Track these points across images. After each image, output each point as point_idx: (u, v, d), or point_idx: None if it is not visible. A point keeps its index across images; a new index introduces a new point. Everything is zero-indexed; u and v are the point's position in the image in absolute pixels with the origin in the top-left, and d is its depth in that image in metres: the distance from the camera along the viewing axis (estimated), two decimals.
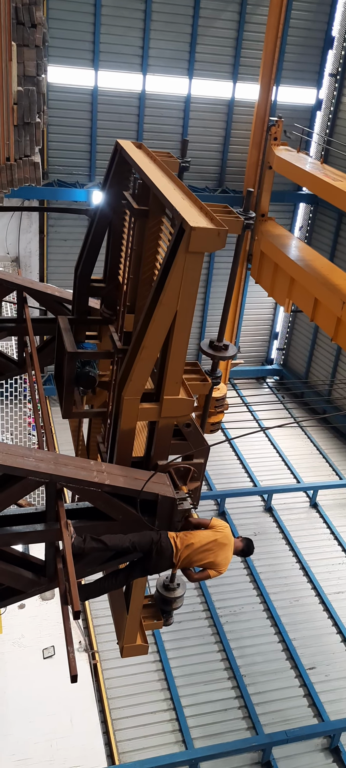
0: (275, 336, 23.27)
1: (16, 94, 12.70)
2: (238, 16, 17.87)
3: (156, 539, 5.05)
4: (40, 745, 10.12)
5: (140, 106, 18.03)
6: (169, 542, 5.08)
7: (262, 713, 11.52)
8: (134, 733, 10.84)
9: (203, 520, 5.31)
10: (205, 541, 5.25)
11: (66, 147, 17.97)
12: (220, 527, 5.36)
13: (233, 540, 5.45)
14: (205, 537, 5.26)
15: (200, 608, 13.34)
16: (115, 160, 5.96)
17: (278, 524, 16.01)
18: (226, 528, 5.42)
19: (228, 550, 5.40)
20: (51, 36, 15.72)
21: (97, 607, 12.34)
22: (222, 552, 5.36)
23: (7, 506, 4.56)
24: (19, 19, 12.49)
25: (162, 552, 5.07)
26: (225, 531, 5.39)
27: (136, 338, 4.72)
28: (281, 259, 15.10)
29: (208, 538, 5.27)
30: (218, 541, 5.31)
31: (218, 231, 4.29)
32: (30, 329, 6.68)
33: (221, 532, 5.34)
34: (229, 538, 5.40)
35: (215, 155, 19.51)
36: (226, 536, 5.37)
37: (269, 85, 15.86)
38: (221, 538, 5.33)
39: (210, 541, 5.27)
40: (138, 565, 5.27)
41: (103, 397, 6.80)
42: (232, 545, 5.43)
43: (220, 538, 5.32)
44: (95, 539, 4.87)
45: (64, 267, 18.42)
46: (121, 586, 5.78)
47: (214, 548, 5.30)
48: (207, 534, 5.28)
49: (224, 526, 5.40)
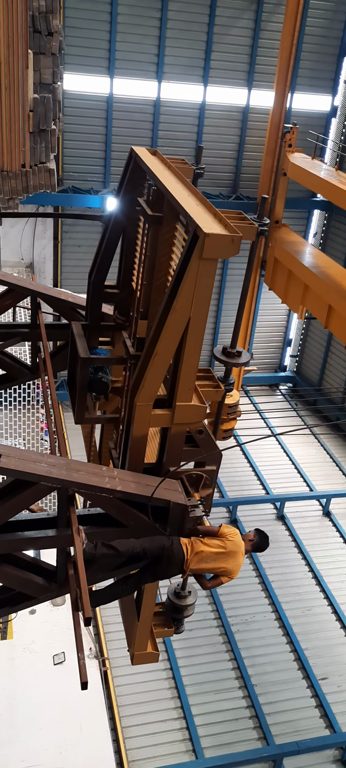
0: (289, 343, 23.18)
1: (32, 101, 12.79)
2: (253, 23, 17.89)
3: (168, 545, 5.02)
4: (49, 751, 10.09)
5: (155, 113, 18.08)
6: (180, 548, 5.06)
7: (273, 723, 11.43)
8: (144, 741, 10.80)
9: (212, 527, 5.28)
10: (215, 549, 5.22)
11: (81, 154, 18.07)
12: (230, 535, 5.32)
13: (242, 546, 5.40)
14: (215, 545, 5.24)
15: (211, 616, 13.28)
16: (130, 167, 5.98)
17: (290, 532, 15.92)
18: (236, 535, 5.38)
19: (239, 556, 5.37)
20: (67, 44, 15.82)
21: (108, 614, 12.32)
22: (232, 559, 5.33)
23: (19, 511, 4.56)
24: (35, 27, 12.59)
25: (173, 558, 5.05)
26: (235, 539, 5.35)
27: (149, 344, 4.71)
28: (295, 265, 15.04)
29: (217, 546, 5.24)
30: (227, 549, 5.28)
31: (231, 237, 4.28)
32: (43, 335, 6.70)
33: (230, 541, 5.31)
34: (238, 545, 5.36)
35: (229, 162, 19.53)
36: (235, 543, 5.33)
37: (284, 92, 15.81)
38: (231, 546, 5.30)
39: (220, 551, 5.25)
40: (148, 570, 5.25)
41: (115, 403, 6.79)
42: (242, 551, 5.39)
43: (229, 546, 5.29)
44: (106, 545, 4.86)
45: (78, 273, 18.48)
46: (131, 592, 5.76)
47: (224, 556, 5.28)
48: (217, 542, 5.25)
49: (234, 534, 5.36)
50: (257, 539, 5.65)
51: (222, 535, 5.27)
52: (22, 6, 11.92)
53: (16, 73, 12.33)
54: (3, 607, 5.07)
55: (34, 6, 12.45)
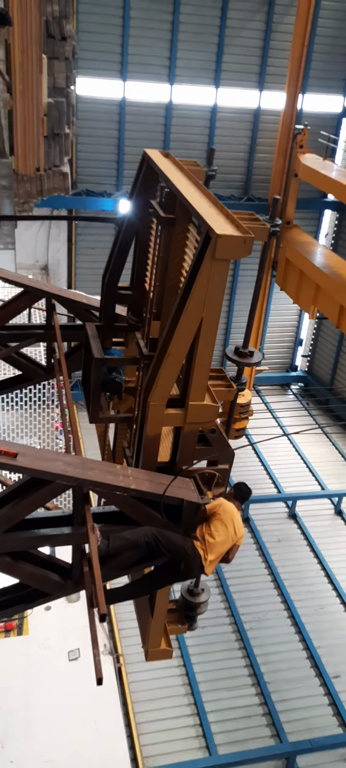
0: (300, 343, 23.17)
1: (46, 105, 12.92)
2: (264, 25, 17.92)
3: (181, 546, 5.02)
4: (65, 746, 10.20)
5: (167, 116, 18.17)
6: (196, 552, 5.07)
7: (286, 721, 11.47)
8: (158, 738, 10.88)
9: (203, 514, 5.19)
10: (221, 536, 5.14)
11: (94, 157, 18.19)
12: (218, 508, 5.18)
13: (232, 507, 5.28)
14: (219, 531, 5.13)
15: (224, 614, 13.34)
16: (143, 170, 6.05)
17: (302, 531, 15.93)
18: (220, 505, 5.19)
19: (235, 516, 5.25)
20: (80, 48, 15.95)
21: (122, 611, 12.41)
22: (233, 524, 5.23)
23: (35, 509, 4.64)
24: (49, 32, 12.73)
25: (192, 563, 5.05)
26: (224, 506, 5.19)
27: (162, 345, 4.77)
28: (306, 266, 15.07)
29: (220, 526, 5.15)
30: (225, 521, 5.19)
31: (244, 238, 4.33)
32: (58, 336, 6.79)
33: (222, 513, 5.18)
34: (229, 509, 5.23)
35: (240, 163, 19.57)
36: (227, 511, 5.19)
37: (296, 94, 15.85)
38: (225, 516, 5.18)
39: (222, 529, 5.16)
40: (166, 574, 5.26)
41: (129, 403, 6.87)
42: (234, 509, 5.28)
43: (226, 518, 5.18)
44: (118, 537, 4.90)
45: (92, 275, 18.60)
46: (148, 593, 5.81)
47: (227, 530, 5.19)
48: (216, 525, 5.15)
49: (218, 505, 5.22)
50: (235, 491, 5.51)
51: (213, 514, 5.18)
52: (36, 11, 12.05)
53: (30, 78, 12.46)
54: (19, 603, 5.14)
55: (48, 11, 12.60)
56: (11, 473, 6.59)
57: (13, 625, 11.91)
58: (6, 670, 11.18)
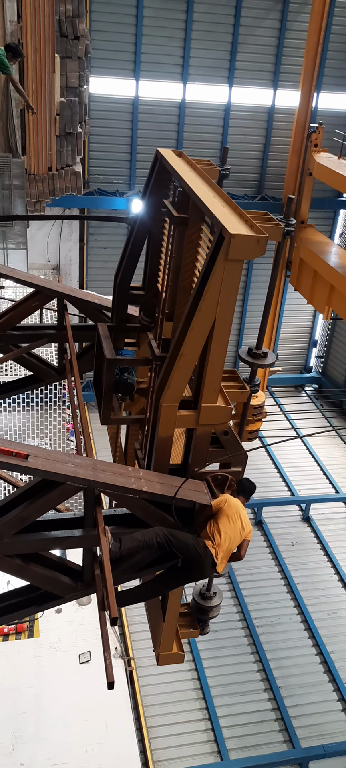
0: (314, 344, 23.01)
1: (59, 104, 12.92)
2: (279, 23, 17.81)
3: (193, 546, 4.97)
4: (75, 750, 10.17)
5: (180, 114, 18.11)
6: (208, 551, 5.02)
7: (299, 726, 11.36)
8: (169, 742, 10.82)
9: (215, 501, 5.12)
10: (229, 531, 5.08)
11: (107, 156, 18.17)
12: (220, 503, 5.14)
13: (236, 502, 5.22)
14: (228, 526, 5.08)
15: (236, 618, 13.25)
16: (156, 169, 6.00)
17: (315, 534, 15.80)
18: (225, 501, 5.15)
19: (240, 510, 5.20)
20: (93, 47, 15.95)
21: (133, 614, 12.36)
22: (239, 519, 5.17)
23: (46, 511, 4.60)
24: (62, 31, 12.73)
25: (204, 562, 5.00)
26: (229, 501, 5.14)
27: (174, 345, 4.72)
28: (320, 266, 14.95)
29: (226, 523, 5.09)
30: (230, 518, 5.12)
31: (257, 238, 4.26)
32: (70, 336, 6.75)
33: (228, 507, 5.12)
34: (235, 506, 5.18)
35: (254, 162, 19.46)
36: (231, 506, 5.13)
37: (310, 92, 15.73)
38: (230, 511, 5.12)
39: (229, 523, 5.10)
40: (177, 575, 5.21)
41: (141, 404, 6.82)
42: (239, 503, 5.22)
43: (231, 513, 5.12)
44: (130, 539, 4.85)
45: (104, 275, 18.59)
46: (159, 595, 5.75)
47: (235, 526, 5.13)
48: (224, 523, 5.09)
49: (223, 501, 5.17)
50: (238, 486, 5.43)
51: (219, 510, 5.11)
52: (50, 10, 12.05)
53: (43, 77, 12.47)
54: (30, 605, 5.11)
55: (61, 10, 12.59)
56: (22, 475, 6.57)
57: (24, 627, 11.91)
58: (17, 672, 11.17)
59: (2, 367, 13.68)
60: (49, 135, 12.93)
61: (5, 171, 12.41)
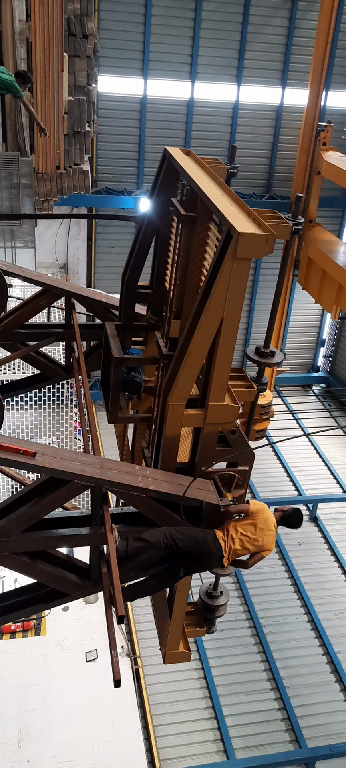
0: (322, 343, 22.94)
1: (67, 103, 12.94)
2: (288, 21, 17.76)
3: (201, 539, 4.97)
4: (82, 748, 10.19)
5: (189, 113, 18.09)
6: (217, 543, 5.02)
7: (305, 726, 11.34)
8: (176, 741, 10.82)
9: (241, 507, 5.18)
10: (249, 533, 5.15)
11: (115, 155, 18.18)
12: (258, 512, 5.20)
13: (272, 518, 5.29)
14: (248, 528, 5.15)
15: (242, 617, 13.23)
16: (164, 167, 5.99)
17: (323, 534, 15.76)
18: (264, 510, 5.24)
19: (270, 529, 5.26)
20: (102, 46, 15.95)
21: (140, 613, 12.37)
22: (265, 535, 5.23)
23: (53, 509, 4.61)
24: (71, 30, 12.74)
25: (212, 553, 5.02)
26: (263, 514, 5.22)
27: (182, 344, 4.71)
28: (328, 265, 14.89)
29: (250, 528, 5.15)
30: (260, 527, 5.19)
31: (265, 237, 4.25)
32: (77, 335, 6.76)
33: (260, 518, 5.19)
34: (270, 519, 5.25)
35: (262, 161, 19.42)
36: (265, 519, 5.21)
37: (319, 90, 15.67)
38: (262, 522, 5.20)
39: (253, 530, 5.16)
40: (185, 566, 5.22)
41: (148, 403, 6.82)
42: (273, 523, 5.28)
43: (261, 525, 5.19)
44: (137, 538, 4.86)
45: (112, 273, 18.61)
46: (166, 587, 5.75)
47: (258, 534, 5.20)
48: (249, 524, 5.15)
49: (262, 509, 5.23)
50: (289, 512, 5.52)
51: (252, 513, 5.18)
52: (58, 9, 12.06)
53: (51, 76, 12.49)
54: (37, 603, 5.13)
55: (70, 9, 12.60)
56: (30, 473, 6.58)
57: (31, 625, 11.94)
58: (24, 670, 11.20)
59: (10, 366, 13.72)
60: (57, 134, 12.95)
61: (14, 170, 12.45)
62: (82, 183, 13.85)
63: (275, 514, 5.45)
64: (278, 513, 5.47)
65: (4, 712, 10.58)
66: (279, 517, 5.46)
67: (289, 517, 5.53)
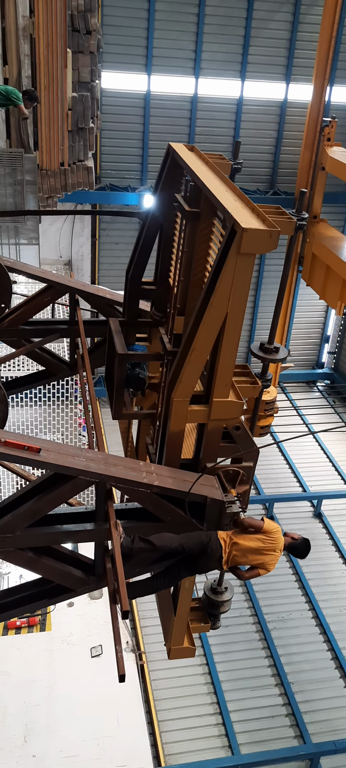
0: (326, 339, 22.90)
1: (71, 99, 12.94)
2: (292, 17, 17.71)
3: (206, 541, 5.04)
4: (87, 743, 10.22)
5: (192, 109, 18.06)
6: (219, 543, 5.07)
7: (310, 722, 11.35)
8: (180, 736, 10.84)
9: (255, 522, 5.24)
10: (253, 545, 5.24)
11: (118, 151, 18.16)
12: (271, 532, 5.31)
13: (281, 543, 5.42)
14: (253, 540, 5.24)
15: (247, 613, 13.24)
16: (168, 163, 5.98)
17: (327, 530, 15.75)
18: (276, 533, 5.37)
19: (276, 552, 5.38)
20: (105, 42, 15.92)
21: (145, 608, 12.40)
22: (269, 555, 5.33)
23: (58, 505, 4.62)
24: (74, 26, 12.74)
25: (212, 553, 5.07)
26: (275, 536, 5.34)
27: (186, 340, 4.71)
28: (333, 261, 14.86)
29: (256, 541, 5.25)
30: (265, 546, 5.29)
31: (269, 232, 4.24)
32: (82, 331, 6.76)
33: (269, 538, 5.31)
34: (277, 542, 5.36)
35: (266, 157, 19.38)
36: (275, 540, 5.33)
37: (323, 86, 15.62)
38: (270, 543, 5.31)
39: (258, 546, 5.26)
40: (187, 564, 5.28)
41: (152, 399, 6.82)
42: (280, 548, 5.40)
43: (268, 544, 5.30)
44: (143, 540, 4.89)
45: (116, 270, 18.61)
46: (169, 586, 5.78)
47: (261, 552, 5.28)
48: (255, 538, 5.25)
49: (275, 531, 5.35)
50: (299, 541, 5.65)
51: (265, 531, 5.26)
52: (62, 5, 12.07)
53: (55, 72, 12.49)
54: (42, 599, 5.14)
55: (73, 5, 12.60)
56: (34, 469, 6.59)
57: (36, 620, 11.98)
58: (29, 665, 11.24)
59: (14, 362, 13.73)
60: (61, 130, 12.96)
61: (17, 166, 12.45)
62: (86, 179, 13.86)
63: (285, 538, 5.52)
64: (287, 538, 5.57)
65: (9, 707, 10.62)
66: (288, 543, 5.56)
67: (297, 547, 5.64)
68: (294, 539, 5.64)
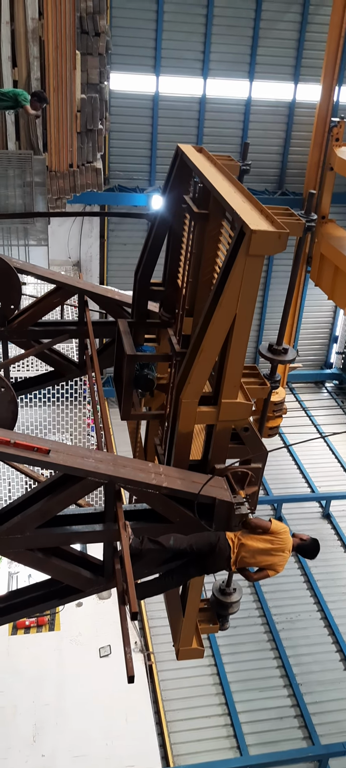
0: (335, 339, 22.84)
1: (80, 101, 12.98)
2: (300, 17, 17.67)
3: (214, 541, 5.04)
4: (96, 742, 10.24)
5: (201, 110, 18.06)
6: (227, 543, 5.08)
7: (318, 723, 11.32)
8: (189, 737, 10.85)
9: (262, 522, 5.25)
10: (261, 546, 5.24)
11: (127, 152, 18.19)
12: (279, 533, 5.32)
13: (290, 543, 5.42)
14: (261, 541, 5.25)
15: (255, 614, 13.22)
16: (176, 165, 5.99)
17: (336, 531, 15.70)
18: (284, 533, 5.37)
19: (285, 553, 5.39)
20: (114, 44, 15.95)
21: (153, 609, 12.40)
22: (278, 556, 5.34)
23: (67, 505, 4.64)
24: (83, 28, 12.78)
25: (220, 553, 5.08)
26: (284, 536, 5.34)
27: (194, 341, 4.72)
28: (341, 261, 14.82)
29: (264, 542, 5.25)
30: (274, 547, 5.29)
31: (278, 234, 4.24)
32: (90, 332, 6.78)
33: (278, 539, 5.31)
34: (286, 543, 5.37)
35: (275, 157, 19.36)
36: (283, 541, 5.33)
37: (332, 86, 15.59)
38: (278, 544, 5.31)
39: (266, 547, 5.27)
40: (195, 564, 5.28)
41: (161, 400, 6.83)
42: (289, 548, 5.40)
43: (276, 544, 5.30)
44: (152, 540, 4.90)
45: (124, 271, 18.62)
46: (177, 585, 5.80)
47: (269, 553, 5.29)
48: (264, 539, 5.26)
49: (283, 532, 5.35)
50: (307, 542, 5.65)
51: (272, 532, 5.26)
52: (71, 7, 12.11)
53: (63, 74, 12.54)
54: (51, 599, 5.16)
55: (82, 7, 12.64)
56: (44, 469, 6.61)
57: (45, 620, 12.01)
58: (38, 665, 11.28)
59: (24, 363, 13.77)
60: (69, 132, 13.00)
61: (27, 168, 12.51)
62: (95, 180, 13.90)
63: (294, 539, 5.53)
64: (296, 539, 5.58)
65: (18, 707, 10.67)
66: (297, 544, 5.56)
67: (306, 547, 5.65)
68: (303, 540, 5.65)
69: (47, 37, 12.27)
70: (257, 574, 5.47)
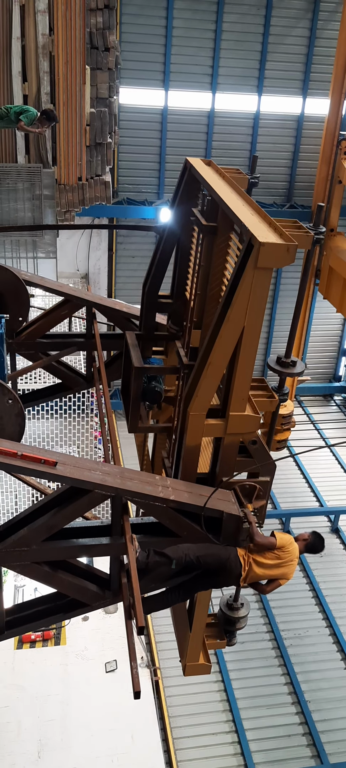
0: (343, 353, 22.75)
1: (89, 115, 13.06)
2: (308, 32, 17.73)
3: (225, 557, 4.99)
4: (101, 759, 10.15)
5: (209, 124, 18.12)
6: (238, 561, 5.03)
7: (327, 742, 11.17)
8: (195, 754, 10.73)
9: (267, 541, 5.20)
10: (270, 561, 5.21)
11: (136, 166, 18.26)
12: (285, 546, 5.26)
13: (297, 551, 5.39)
14: (270, 557, 5.21)
15: (263, 629, 13.11)
16: (185, 178, 6.00)
17: (345, 546, 15.58)
18: (290, 545, 5.31)
19: (293, 562, 5.36)
20: (123, 58, 16.06)
21: (160, 624, 12.32)
22: (288, 567, 5.31)
23: (74, 518, 4.62)
24: (93, 43, 12.87)
25: (231, 570, 5.03)
26: (290, 548, 5.29)
27: (202, 354, 4.70)
28: None
29: (273, 558, 5.22)
30: (283, 561, 5.26)
31: (287, 246, 4.23)
32: (98, 344, 6.79)
33: (285, 552, 5.27)
34: (293, 553, 5.33)
35: (283, 171, 19.38)
36: (290, 552, 5.28)
37: (340, 99, 15.60)
38: (287, 557, 5.27)
39: (275, 562, 5.23)
40: (203, 579, 5.24)
41: (168, 413, 6.81)
42: (297, 556, 5.38)
43: (285, 557, 5.26)
44: (158, 553, 4.86)
45: (132, 283, 18.66)
46: (184, 599, 5.75)
47: (280, 566, 5.26)
48: (273, 555, 5.23)
49: (289, 544, 5.29)
50: (311, 539, 5.62)
51: (278, 548, 5.23)
52: (81, 23, 12.21)
53: (73, 89, 12.62)
54: (57, 613, 5.14)
55: (92, 23, 12.73)
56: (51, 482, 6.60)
57: (51, 634, 11.95)
58: (43, 680, 11.21)
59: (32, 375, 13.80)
60: (79, 145, 13.06)
61: (36, 181, 12.59)
62: (104, 194, 13.94)
63: (299, 544, 5.51)
64: (301, 544, 5.56)
65: (23, 722, 10.59)
66: (303, 547, 5.54)
67: (311, 545, 5.63)
68: (306, 540, 5.62)
69: (57, 52, 12.36)
70: (269, 586, 5.43)
